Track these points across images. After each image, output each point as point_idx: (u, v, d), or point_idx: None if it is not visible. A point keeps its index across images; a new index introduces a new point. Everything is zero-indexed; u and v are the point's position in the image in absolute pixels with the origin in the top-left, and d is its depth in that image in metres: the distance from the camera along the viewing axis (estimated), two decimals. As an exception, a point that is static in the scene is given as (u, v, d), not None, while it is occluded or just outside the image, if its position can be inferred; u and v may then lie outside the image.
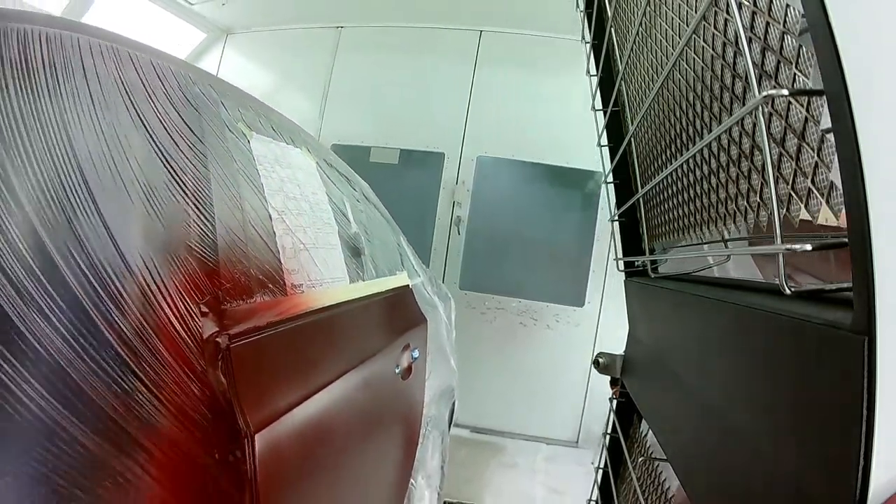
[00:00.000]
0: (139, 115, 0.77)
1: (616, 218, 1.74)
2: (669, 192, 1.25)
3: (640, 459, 1.43)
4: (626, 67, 1.47)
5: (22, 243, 0.56)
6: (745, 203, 0.77)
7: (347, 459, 1.17)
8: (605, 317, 3.58)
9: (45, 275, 0.57)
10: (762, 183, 0.70)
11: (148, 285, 0.67)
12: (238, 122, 1.05)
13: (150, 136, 0.78)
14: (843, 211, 0.47)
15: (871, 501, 0.39)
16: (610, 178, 1.78)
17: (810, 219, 0.60)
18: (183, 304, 0.72)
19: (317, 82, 4.03)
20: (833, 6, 0.44)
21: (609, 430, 1.77)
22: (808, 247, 0.51)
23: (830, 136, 0.51)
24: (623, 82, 1.58)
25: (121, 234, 0.66)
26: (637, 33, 1.27)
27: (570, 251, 3.69)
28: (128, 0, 3.49)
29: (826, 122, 0.50)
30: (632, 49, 1.37)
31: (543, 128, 3.66)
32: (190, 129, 0.87)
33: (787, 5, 0.60)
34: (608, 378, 1.72)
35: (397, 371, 1.51)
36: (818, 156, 0.56)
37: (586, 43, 1.83)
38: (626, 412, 1.72)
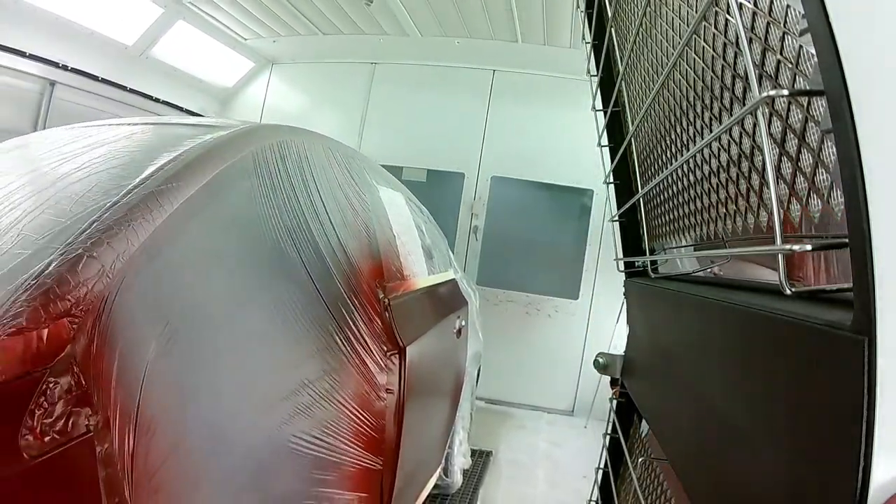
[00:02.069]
0: (341, 184, 1.56)
1: (616, 218, 1.74)
2: (670, 192, 1.25)
3: (640, 459, 1.43)
4: (626, 68, 1.47)
5: (314, 260, 1.24)
6: (746, 203, 0.77)
7: (434, 377, 1.97)
8: (595, 308, 4.31)
9: (322, 268, 1.26)
10: (762, 183, 0.70)
11: (357, 272, 1.42)
12: (372, 180, 1.85)
13: (345, 194, 1.55)
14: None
15: (871, 501, 0.39)
16: (610, 179, 1.77)
17: (811, 219, 0.60)
18: (371, 282, 1.49)
19: (355, 110, 4.80)
20: (833, 6, 0.44)
21: (609, 431, 1.77)
22: (809, 247, 0.51)
23: (830, 136, 0.51)
24: (623, 83, 1.57)
25: (347, 247, 1.39)
26: (637, 34, 1.26)
27: (567, 254, 4.42)
28: (190, 35, 4.09)
29: (826, 122, 0.50)
30: (632, 49, 1.36)
31: (546, 153, 4.40)
32: (357, 187, 1.67)
33: (787, 5, 0.60)
34: (599, 354, 1.76)
35: (454, 331, 2.27)
36: (818, 156, 0.56)
37: (587, 43, 1.83)
38: (626, 412, 1.72)
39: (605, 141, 1.77)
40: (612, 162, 1.75)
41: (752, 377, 0.65)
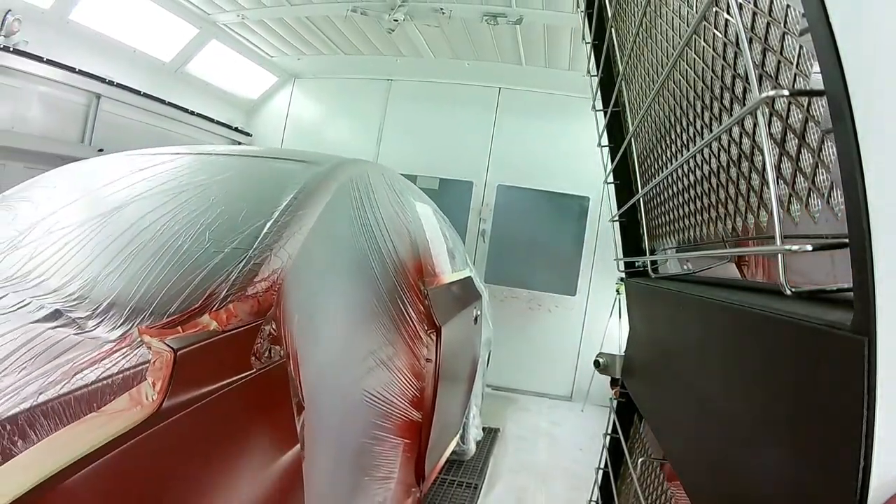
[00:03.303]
0: (391, 202, 1.96)
1: (616, 218, 1.74)
2: (670, 192, 1.25)
3: (640, 459, 1.43)
4: (626, 68, 1.47)
5: (378, 259, 1.65)
6: (746, 203, 0.77)
7: (459, 353, 2.40)
8: (591, 304, 4.78)
9: (383, 266, 1.68)
10: (762, 183, 0.70)
11: (405, 270, 1.82)
12: (410, 197, 2.30)
13: (395, 210, 1.97)
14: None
15: (872, 501, 0.39)
16: (610, 179, 1.77)
17: (810, 219, 0.60)
18: (416, 277, 1.90)
19: (373, 122, 5.30)
20: (833, 6, 0.44)
21: (609, 431, 1.77)
22: (809, 247, 0.51)
23: (830, 136, 0.51)
24: (623, 83, 1.57)
25: (398, 250, 1.82)
26: (637, 34, 1.26)
27: (566, 254, 4.88)
28: (221, 53, 4.58)
29: (826, 122, 0.50)
30: (632, 49, 1.36)
31: (547, 163, 4.88)
32: (402, 204, 2.10)
33: (787, 5, 0.60)
34: (599, 354, 1.79)
35: (472, 318, 2.71)
36: (818, 156, 0.56)
37: (587, 43, 1.83)
38: (626, 412, 1.72)
39: (605, 141, 1.77)
40: (612, 162, 1.75)
41: (752, 377, 0.65)
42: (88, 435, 0.70)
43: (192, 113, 4.63)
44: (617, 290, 4.32)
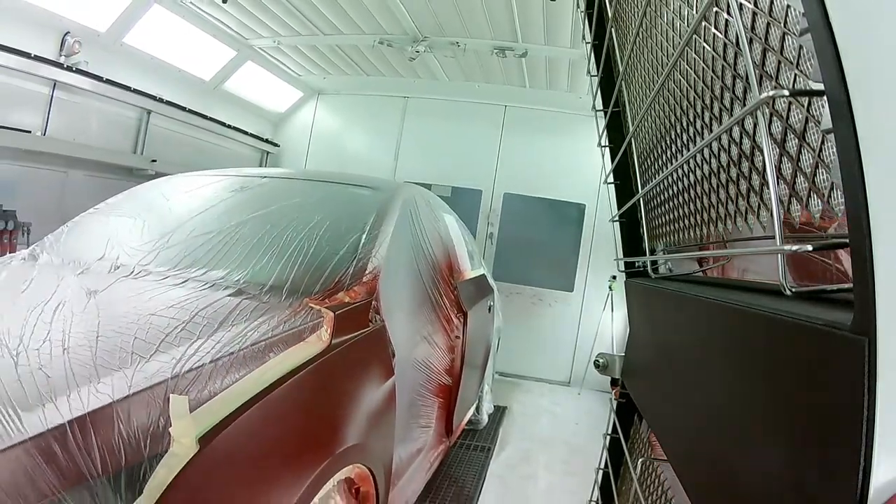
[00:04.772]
0: (429, 216, 2.55)
1: (616, 219, 1.74)
2: (670, 192, 1.25)
3: (640, 459, 1.43)
4: (626, 68, 1.46)
5: (423, 259, 2.27)
6: (746, 203, 0.77)
7: (479, 335, 2.91)
8: (587, 299, 5.36)
9: (426, 264, 2.27)
10: (762, 183, 0.70)
11: (440, 267, 2.43)
12: (440, 210, 2.90)
13: (431, 221, 2.53)
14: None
15: (872, 502, 0.39)
16: (610, 179, 1.77)
17: (810, 219, 0.60)
18: (447, 273, 2.51)
19: (391, 136, 5.96)
20: (833, 6, 0.44)
21: (609, 431, 1.77)
22: (809, 247, 0.51)
23: (830, 136, 0.51)
24: (623, 83, 1.57)
25: (435, 252, 2.49)
26: (637, 34, 1.26)
27: (564, 255, 5.48)
28: (254, 72, 5.13)
29: (826, 122, 0.50)
30: (632, 50, 1.36)
31: (548, 173, 5.52)
32: (435, 216, 2.68)
33: (787, 5, 0.60)
34: (594, 344, 1.84)
35: (487, 308, 3.24)
36: (818, 156, 0.56)
37: (587, 43, 1.83)
38: (626, 412, 1.72)
39: (605, 141, 1.77)
40: (612, 162, 1.74)
41: (752, 377, 0.65)
42: (299, 354, 1.24)
43: (227, 126, 5.14)
44: (610, 287, 4.93)
